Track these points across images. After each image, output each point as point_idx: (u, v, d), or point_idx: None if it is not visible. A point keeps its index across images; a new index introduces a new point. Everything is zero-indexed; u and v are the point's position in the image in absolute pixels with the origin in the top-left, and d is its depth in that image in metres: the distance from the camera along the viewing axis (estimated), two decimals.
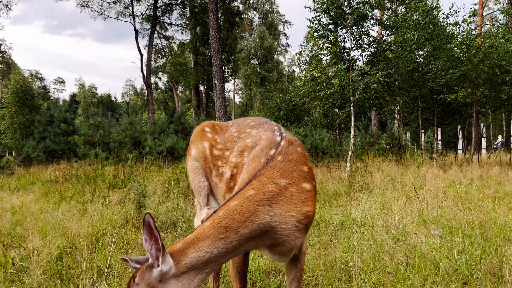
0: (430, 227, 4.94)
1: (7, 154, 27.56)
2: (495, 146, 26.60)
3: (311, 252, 4.42)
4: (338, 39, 13.21)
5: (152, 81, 37.00)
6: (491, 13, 39.70)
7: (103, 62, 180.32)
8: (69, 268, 3.77)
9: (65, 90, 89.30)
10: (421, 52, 15.13)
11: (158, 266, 1.65)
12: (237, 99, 63.54)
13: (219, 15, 26.84)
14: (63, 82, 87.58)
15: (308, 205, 1.94)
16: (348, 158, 11.79)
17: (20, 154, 19.06)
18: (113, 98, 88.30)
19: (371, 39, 13.44)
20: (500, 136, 29.33)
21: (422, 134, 19.57)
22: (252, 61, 50.35)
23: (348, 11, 12.51)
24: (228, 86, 61.31)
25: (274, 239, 1.91)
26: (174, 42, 41.37)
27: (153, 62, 38.46)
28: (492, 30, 21.19)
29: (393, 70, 13.10)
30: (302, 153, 2.10)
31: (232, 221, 1.72)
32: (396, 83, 14.27)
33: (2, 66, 60.92)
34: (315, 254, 4.33)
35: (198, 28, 34.15)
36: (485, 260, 3.61)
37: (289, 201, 1.87)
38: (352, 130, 12.66)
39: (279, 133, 2.22)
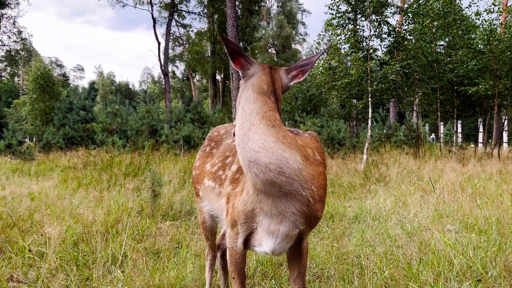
0: (446, 223, 4.87)
1: (27, 140, 28.18)
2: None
3: (323, 245, 4.41)
4: (357, 28, 13.00)
5: (170, 69, 37.10)
6: None
7: (119, 50, 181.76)
8: (85, 255, 3.85)
9: (84, 77, 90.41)
10: (441, 43, 14.77)
11: (248, 69, 2.01)
12: None
13: (237, 3, 26.62)
14: (82, 69, 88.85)
15: None
16: (365, 150, 11.68)
17: (40, 140, 19.47)
18: (131, 86, 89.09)
19: (390, 28, 13.17)
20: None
21: (441, 127, 19.20)
22: (269, 50, 49.93)
23: None
24: None
25: None
26: (192, 31, 41.22)
27: (170, 51, 38.56)
28: None
29: (412, 60, 12.82)
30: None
31: None
32: (415, 74, 13.99)
33: (23, 53, 61.99)
34: (328, 247, 4.32)
35: (215, 16, 34.03)
36: (501, 257, 3.54)
37: None
38: (369, 122, 12.50)
39: None
